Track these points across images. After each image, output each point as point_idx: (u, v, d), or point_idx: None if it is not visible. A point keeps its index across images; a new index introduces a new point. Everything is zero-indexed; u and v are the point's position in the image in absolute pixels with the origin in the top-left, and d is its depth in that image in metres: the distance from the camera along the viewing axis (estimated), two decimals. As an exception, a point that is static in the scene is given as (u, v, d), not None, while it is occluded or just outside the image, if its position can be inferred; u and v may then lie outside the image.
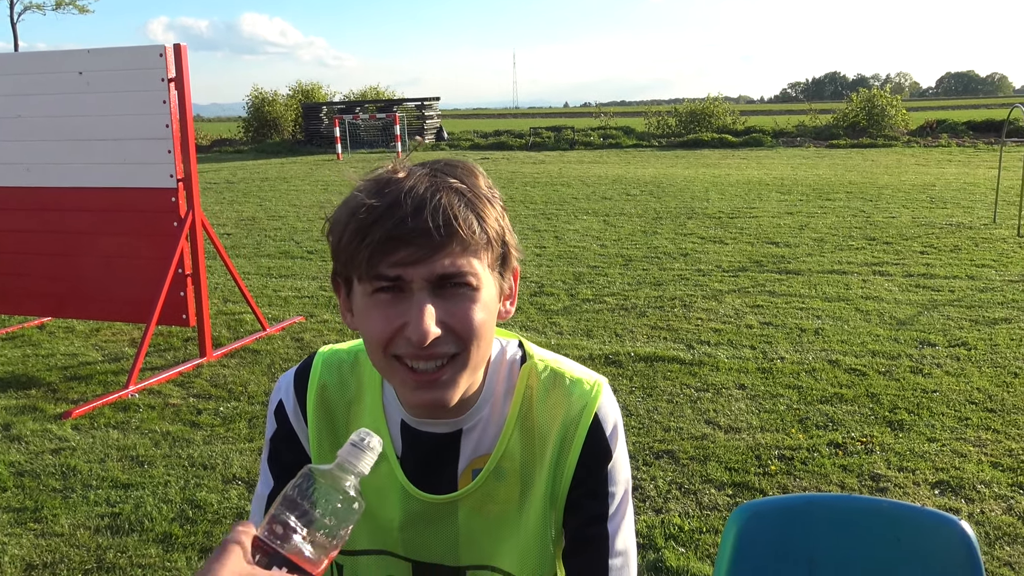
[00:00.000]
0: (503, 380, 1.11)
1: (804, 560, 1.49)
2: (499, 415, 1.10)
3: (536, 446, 1.09)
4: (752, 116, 34.16)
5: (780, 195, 13.23)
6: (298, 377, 1.17)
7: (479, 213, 0.97)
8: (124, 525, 3.29)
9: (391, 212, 0.93)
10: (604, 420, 1.10)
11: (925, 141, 24.51)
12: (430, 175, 0.97)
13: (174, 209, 5.11)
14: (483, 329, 0.98)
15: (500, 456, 1.09)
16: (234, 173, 19.84)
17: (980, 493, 3.42)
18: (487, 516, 1.11)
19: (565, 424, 1.09)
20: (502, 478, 1.09)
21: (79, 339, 5.95)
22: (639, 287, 7.17)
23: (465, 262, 0.96)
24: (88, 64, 5.11)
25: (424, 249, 0.93)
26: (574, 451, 1.08)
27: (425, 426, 1.10)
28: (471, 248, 0.96)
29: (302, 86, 33.24)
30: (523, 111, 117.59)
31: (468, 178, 0.99)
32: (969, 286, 6.91)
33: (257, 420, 4.35)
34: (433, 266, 0.94)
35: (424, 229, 0.92)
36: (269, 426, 1.19)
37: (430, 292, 0.95)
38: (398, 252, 0.93)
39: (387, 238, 0.93)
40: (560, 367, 1.13)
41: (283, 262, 8.63)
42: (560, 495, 1.09)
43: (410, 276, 0.94)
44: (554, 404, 1.10)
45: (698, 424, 4.18)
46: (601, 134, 28.26)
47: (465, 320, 0.96)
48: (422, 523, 1.12)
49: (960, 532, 1.42)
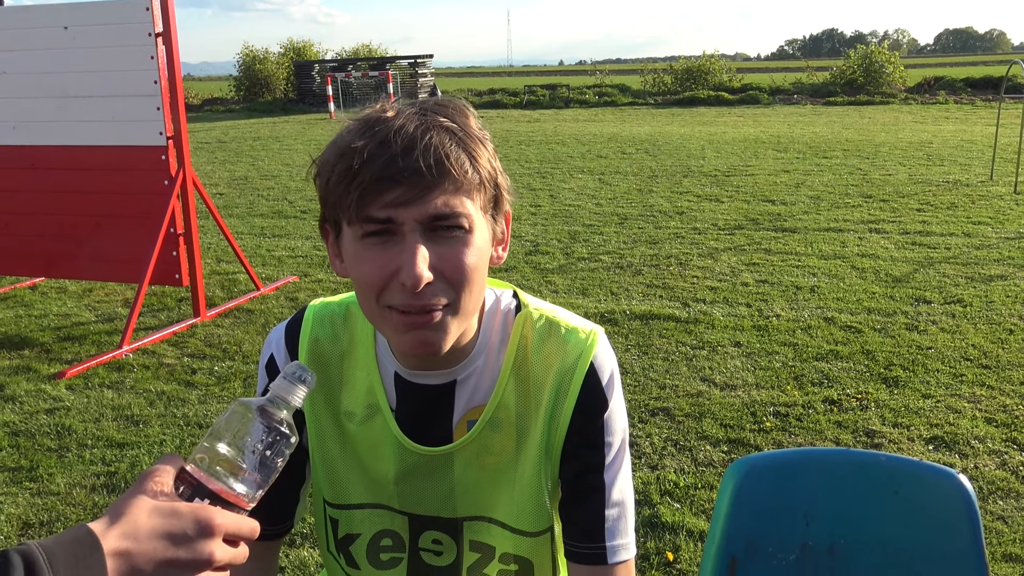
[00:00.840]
0: (497, 330, 1.09)
1: (801, 514, 1.48)
2: (494, 365, 1.08)
3: (531, 396, 1.07)
4: (749, 74, 33.86)
5: (776, 153, 13.15)
6: (289, 331, 1.15)
7: (471, 152, 0.94)
8: (120, 484, 3.29)
9: (380, 151, 0.90)
10: (600, 369, 1.08)
11: (923, 98, 24.35)
12: (419, 114, 0.94)
13: (164, 167, 5.04)
14: (475, 274, 0.95)
15: (495, 407, 1.07)
16: (226, 132, 19.64)
17: (974, 448, 3.44)
18: (483, 467, 1.09)
19: (560, 373, 1.06)
20: (498, 428, 1.08)
21: (72, 299, 5.91)
22: (635, 245, 7.14)
23: (458, 202, 0.92)
24: (73, 19, 5.00)
25: (415, 189, 0.90)
26: (569, 400, 1.06)
27: (418, 378, 1.08)
28: (464, 188, 0.93)
29: (293, 44, 32.79)
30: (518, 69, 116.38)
31: (459, 117, 0.96)
32: (965, 243, 6.89)
33: (252, 379, 4.33)
34: (425, 206, 0.91)
35: (415, 168, 0.89)
36: (260, 381, 1.17)
37: (422, 235, 0.92)
38: (388, 193, 0.90)
39: (377, 178, 0.90)
40: (556, 316, 1.11)
41: (276, 222, 8.57)
42: (556, 445, 1.08)
43: (401, 218, 0.91)
44: (549, 353, 1.08)
45: (694, 382, 4.18)
46: (597, 92, 27.99)
47: (458, 265, 0.93)
48: (418, 476, 1.10)
49: (958, 485, 1.42)
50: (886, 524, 1.46)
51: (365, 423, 1.11)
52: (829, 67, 29.86)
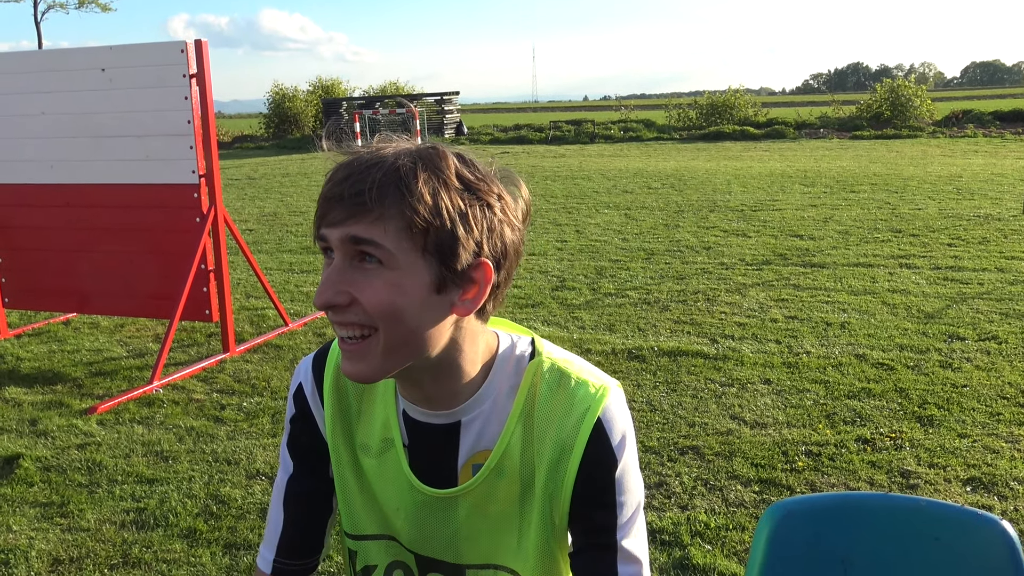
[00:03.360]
0: (509, 376, 1.08)
1: (838, 560, 1.45)
2: (502, 411, 1.07)
3: (535, 446, 1.06)
4: (774, 108, 33.89)
5: (803, 187, 13.09)
6: (316, 360, 1.17)
7: (409, 188, 0.92)
8: (149, 520, 3.30)
9: (335, 175, 0.95)
10: (609, 425, 1.04)
11: (951, 132, 24.18)
12: (389, 151, 0.96)
13: (196, 205, 5.12)
14: (393, 310, 0.94)
15: (501, 453, 1.06)
16: (255, 169, 19.94)
17: (1013, 490, 3.35)
18: (486, 515, 1.08)
19: (565, 426, 1.04)
20: (503, 476, 1.07)
21: (104, 335, 5.99)
22: (662, 281, 7.11)
23: (377, 232, 0.92)
24: (111, 61, 5.13)
25: (342, 213, 0.93)
26: (574, 457, 1.03)
27: (420, 415, 1.09)
28: (386, 221, 0.92)
29: (322, 82, 33.35)
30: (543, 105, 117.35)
31: (428, 160, 0.95)
32: (999, 279, 6.79)
33: (280, 415, 4.35)
34: (346, 229, 0.93)
35: (348, 193, 0.93)
36: (289, 410, 1.19)
37: (345, 259, 0.95)
38: (328, 213, 0.95)
39: (324, 197, 0.95)
40: (568, 367, 1.08)
41: (305, 257, 8.65)
42: (562, 500, 1.05)
43: (330, 238, 0.95)
44: (556, 404, 1.05)
45: (723, 419, 4.13)
46: (621, 127, 28.12)
47: (371, 296, 0.94)
48: (423, 515, 1.10)
49: (1001, 532, 1.38)
50: (927, 572, 1.42)
51: (379, 456, 1.12)
52: (855, 101, 29.80)
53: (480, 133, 29.86)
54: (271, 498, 1.20)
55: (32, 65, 5.35)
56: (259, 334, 5.81)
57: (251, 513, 3.34)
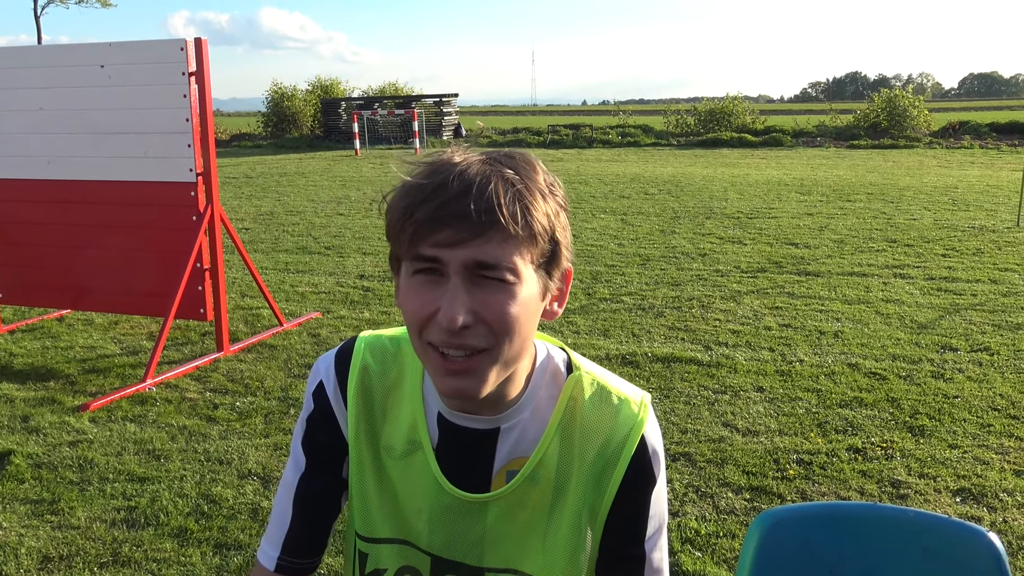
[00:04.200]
0: (547, 385, 1.10)
1: (827, 569, 1.46)
2: (540, 420, 1.09)
3: (575, 458, 1.08)
4: (772, 115, 33.95)
5: (800, 195, 13.13)
6: (339, 359, 1.16)
7: (526, 205, 0.95)
8: (140, 519, 3.30)
9: (437, 193, 0.93)
10: (650, 443, 1.10)
11: (947, 142, 24.25)
12: (484, 162, 0.97)
13: (193, 203, 5.12)
14: (517, 325, 0.96)
15: (537, 462, 1.08)
16: (253, 168, 19.92)
17: (1003, 502, 3.37)
18: (515, 521, 1.10)
19: (610, 442, 1.08)
20: (536, 484, 1.09)
21: (98, 332, 5.98)
22: (657, 287, 7.13)
23: (504, 254, 0.94)
24: (110, 58, 5.13)
25: (463, 232, 0.92)
26: (618, 471, 1.08)
27: (461, 420, 1.09)
28: (512, 239, 0.94)
29: (321, 81, 33.32)
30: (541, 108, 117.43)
31: (523, 169, 0.98)
32: (992, 290, 6.82)
33: (273, 416, 4.35)
34: (470, 252, 0.93)
35: (465, 212, 0.92)
36: (306, 407, 1.18)
37: (466, 279, 0.94)
38: (438, 233, 0.93)
39: (428, 218, 0.93)
40: (607, 383, 1.12)
41: (300, 257, 8.65)
42: (601, 512, 1.09)
43: (447, 258, 0.93)
44: (599, 419, 1.09)
45: (715, 426, 4.15)
46: (620, 132, 28.15)
47: (498, 313, 0.95)
48: (449, 519, 1.11)
49: (988, 543, 1.39)
50: (914, 582, 1.43)
51: (405, 458, 1.12)
52: (853, 110, 29.87)
53: (478, 136, 29.88)
54: (277, 494, 1.19)
55: (31, 60, 5.35)
56: (253, 333, 5.80)
57: (242, 513, 3.34)
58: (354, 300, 6.82)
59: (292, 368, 5.08)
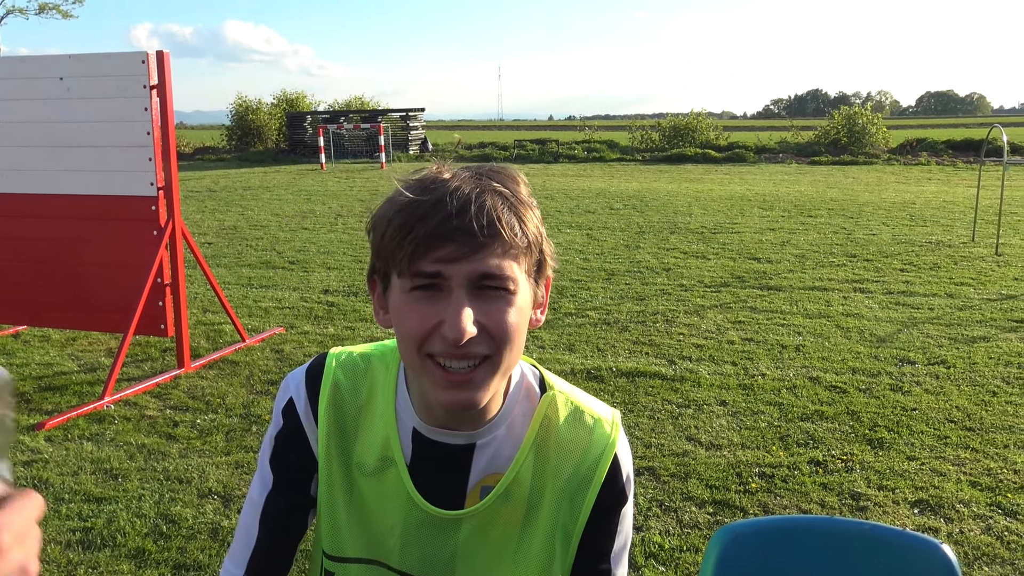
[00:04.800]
0: (522, 403, 1.12)
1: (785, 583, 1.47)
2: (515, 437, 1.10)
3: (549, 476, 1.10)
4: (735, 132, 34.44)
5: (762, 211, 13.31)
6: (310, 376, 1.15)
7: (521, 217, 0.98)
8: (96, 540, 3.23)
9: (436, 209, 0.94)
10: (622, 463, 1.12)
11: (905, 159, 24.78)
12: (474, 177, 0.99)
13: (154, 218, 5.05)
14: (516, 333, 0.99)
15: (512, 479, 1.09)
16: (216, 181, 19.73)
17: (959, 512, 3.43)
18: (487, 538, 1.10)
19: (584, 462, 1.10)
20: (509, 501, 1.09)
21: (55, 348, 5.86)
22: (621, 302, 7.17)
23: (506, 264, 0.96)
24: (69, 70, 5.06)
25: (466, 247, 0.94)
26: (592, 491, 1.09)
27: (439, 435, 1.09)
28: (511, 251, 0.97)
29: (287, 95, 33.18)
30: (508, 123, 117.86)
31: (510, 183, 1.00)
32: (948, 304, 6.96)
33: (235, 433, 4.29)
34: (475, 265, 0.95)
35: (468, 228, 0.93)
36: (274, 424, 1.16)
37: (468, 291, 0.96)
38: (441, 249, 0.94)
39: (431, 235, 0.94)
40: (580, 402, 1.15)
41: (264, 272, 8.57)
42: (575, 532, 1.11)
43: (450, 273, 0.95)
44: (573, 439, 1.11)
45: (679, 441, 4.17)
46: (585, 147, 28.37)
47: (501, 322, 0.97)
48: (423, 535, 1.10)
49: (941, 556, 1.42)
50: (870, 595, 1.45)
51: (377, 475, 1.11)
52: (814, 127, 30.41)
53: (444, 150, 29.90)
54: (243, 512, 1.17)
55: (-13, 72, 5.26)
56: (215, 349, 5.73)
57: (202, 533, 3.29)
58: (318, 315, 6.77)
59: (254, 384, 5.03)
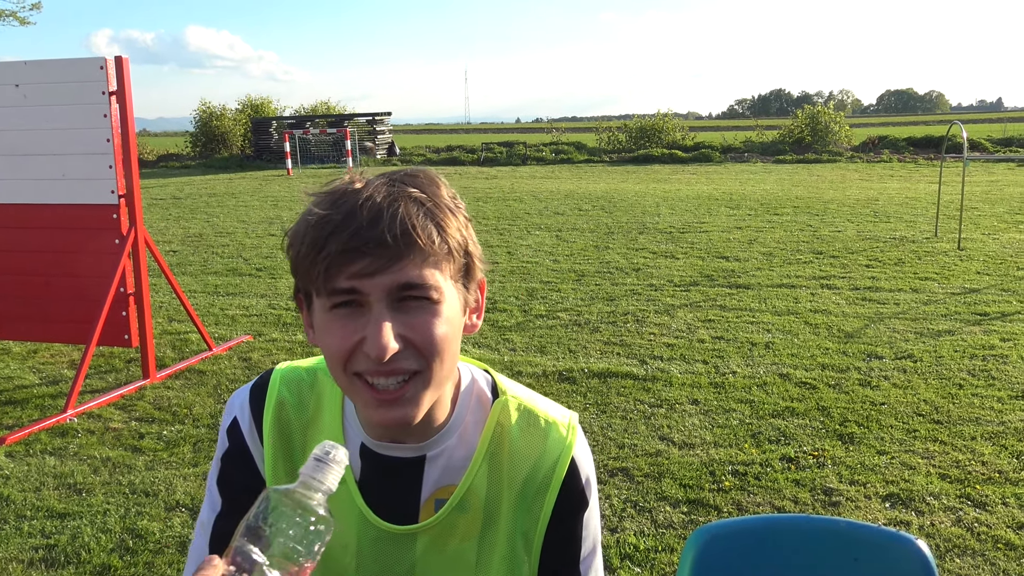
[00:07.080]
0: (473, 410, 1.08)
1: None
2: (468, 446, 1.06)
3: (504, 484, 1.06)
4: (701, 132, 34.73)
5: (729, 210, 13.41)
6: (254, 394, 1.12)
7: (439, 223, 0.93)
8: (60, 557, 3.15)
9: (347, 223, 0.90)
10: (580, 466, 1.09)
11: (868, 157, 25.14)
12: (388, 184, 0.94)
13: (116, 226, 4.96)
14: (446, 344, 0.94)
15: (466, 490, 1.05)
16: (181, 189, 19.47)
17: (930, 505, 3.46)
18: (446, 550, 1.07)
19: (540, 468, 1.06)
20: (465, 512, 1.06)
21: (15, 361, 5.73)
22: (592, 302, 7.17)
23: (426, 273, 0.92)
24: (25, 76, 4.95)
25: (381, 260, 0.89)
26: (550, 497, 1.06)
27: (386, 449, 1.05)
28: (431, 259, 0.92)
29: (251, 100, 32.86)
30: (475, 127, 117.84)
31: (428, 187, 0.96)
32: (913, 299, 7.05)
33: (202, 444, 4.21)
34: (392, 277, 0.90)
35: (381, 239, 0.89)
36: (220, 445, 1.13)
37: (389, 305, 0.91)
38: (354, 264, 0.90)
39: (343, 250, 0.89)
40: (535, 406, 1.10)
41: (231, 279, 8.45)
42: (536, 538, 1.07)
43: (367, 288, 0.90)
44: (527, 444, 1.07)
45: (652, 440, 4.17)
46: (553, 149, 28.42)
47: (426, 334, 0.92)
48: (378, 552, 1.07)
49: (916, 551, 1.42)
50: (846, 593, 1.44)
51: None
52: (778, 126, 30.77)
53: (412, 154, 29.80)
54: (194, 535, 1.14)
55: (-60, 80, 5.12)
56: (181, 359, 5.63)
57: (170, 547, 3.22)
58: (286, 322, 6.68)
59: (222, 394, 4.94)
